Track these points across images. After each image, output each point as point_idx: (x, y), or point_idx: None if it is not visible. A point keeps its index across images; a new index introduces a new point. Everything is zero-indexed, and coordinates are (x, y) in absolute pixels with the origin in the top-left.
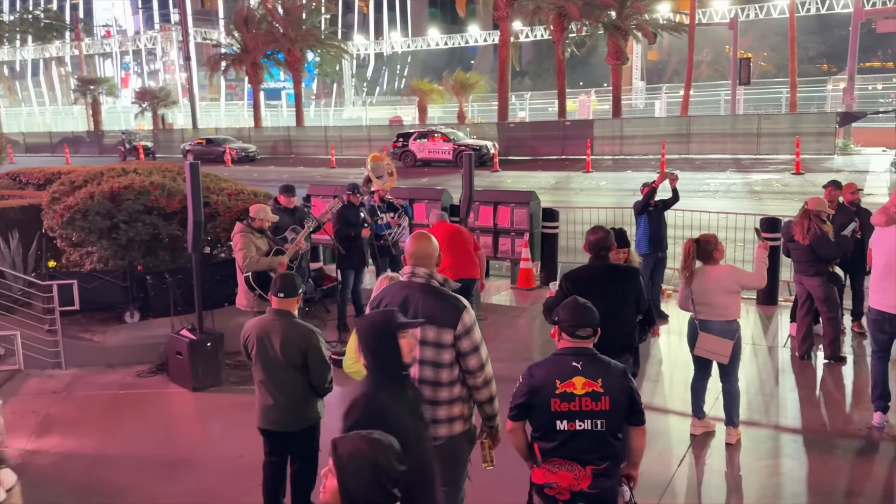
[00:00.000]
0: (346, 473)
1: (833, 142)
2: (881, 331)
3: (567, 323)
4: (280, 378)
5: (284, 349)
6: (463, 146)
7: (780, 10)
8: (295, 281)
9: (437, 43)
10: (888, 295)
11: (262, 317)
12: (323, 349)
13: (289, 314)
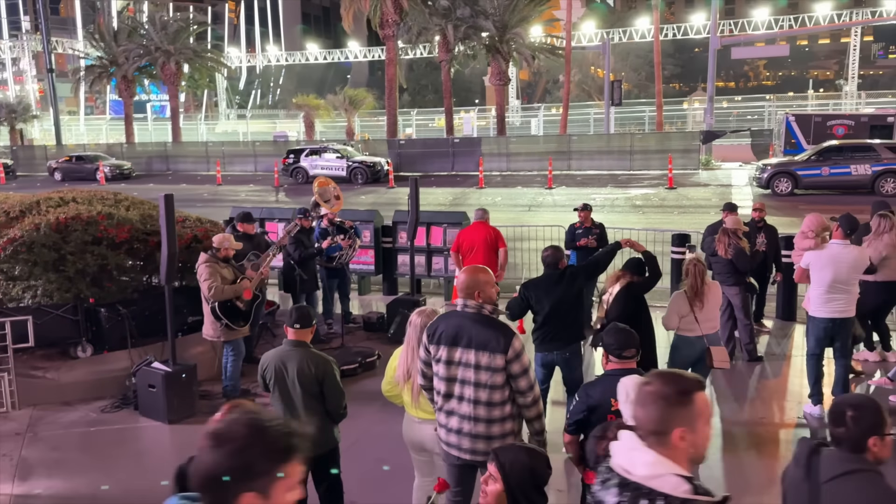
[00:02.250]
0: (511, 478)
1: (697, 158)
2: (825, 335)
3: (613, 346)
4: (298, 406)
5: (301, 378)
6: (357, 163)
7: (641, 34)
8: (309, 312)
9: (316, 57)
10: (834, 304)
11: (279, 348)
12: (337, 377)
13: (304, 344)
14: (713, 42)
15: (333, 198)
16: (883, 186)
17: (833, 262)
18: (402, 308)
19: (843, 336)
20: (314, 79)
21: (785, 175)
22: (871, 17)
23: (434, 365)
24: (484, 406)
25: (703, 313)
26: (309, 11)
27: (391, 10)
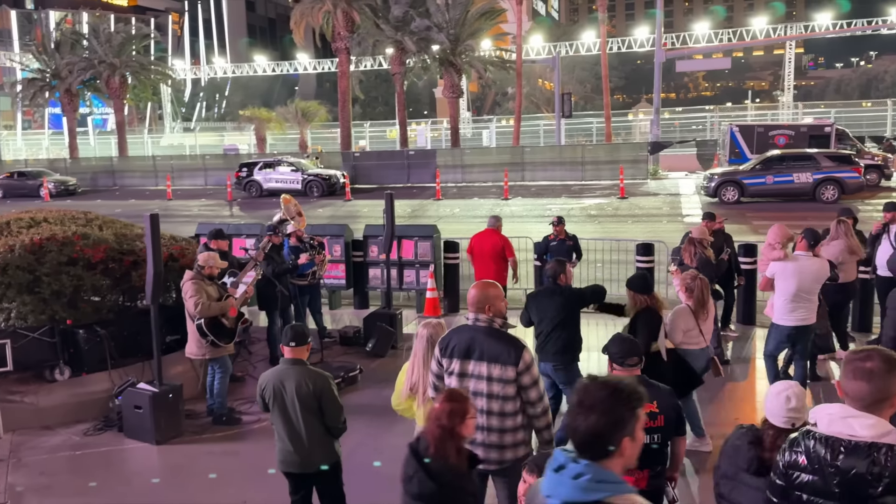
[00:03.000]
0: None
1: (646, 168)
2: (787, 341)
3: (617, 355)
4: (298, 422)
5: (300, 395)
6: (312, 176)
7: (587, 47)
8: (304, 331)
9: (265, 69)
10: (798, 312)
11: (277, 367)
12: (335, 391)
13: (301, 362)
14: (658, 56)
15: (297, 214)
16: (823, 193)
17: (798, 273)
18: (380, 322)
19: (803, 341)
20: (261, 91)
21: (731, 184)
22: (804, 31)
23: (447, 377)
24: (496, 416)
25: (705, 325)
26: (255, 23)
27: (343, 24)
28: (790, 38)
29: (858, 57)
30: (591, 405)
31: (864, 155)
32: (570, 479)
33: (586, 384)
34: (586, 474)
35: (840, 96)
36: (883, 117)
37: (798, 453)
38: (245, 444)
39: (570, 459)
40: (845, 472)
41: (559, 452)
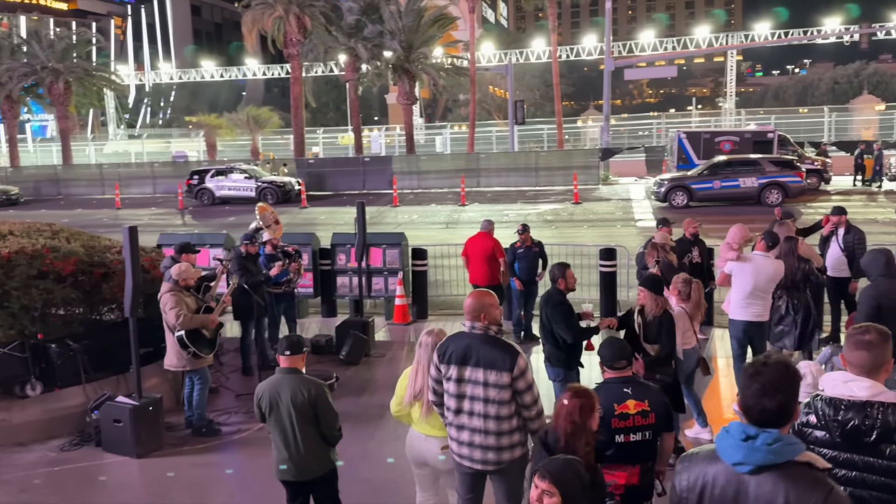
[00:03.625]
0: (565, 486)
1: (597, 174)
2: (745, 336)
3: (606, 359)
4: (294, 431)
5: (295, 403)
6: (266, 183)
7: (537, 55)
8: (299, 340)
9: (213, 75)
10: (752, 308)
11: (273, 377)
12: (330, 400)
13: (297, 371)
14: (608, 64)
15: (273, 223)
16: (768, 197)
17: (755, 272)
18: (352, 329)
19: (759, 338)
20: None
21: (681, 189)
22: (745, 40)
23: (445, 383)
24: (493, 420)
25: (697, 326)
26: (200, 28)
27: (295, 30)
28: (732, 47)
29: (794, 64)
30: (774, 387)
31: (805, 160)
32: (766, 445)
33: (760, 369)
34: (780, 440)
35: (778, 103)
36: (819, 123)
37: (809, 414)
38: (228, 455)
39: (758, 430)
40: (845, 424)
41: (739, 425)
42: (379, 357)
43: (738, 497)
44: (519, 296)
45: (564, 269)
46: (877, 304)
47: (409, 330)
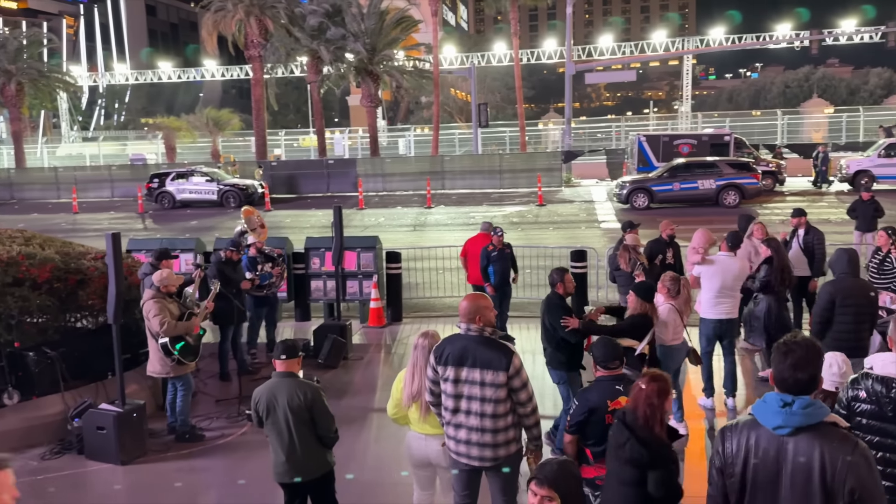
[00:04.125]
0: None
1: (560, 176)
2: (714, 334)
3: (600, 358)
4: (291, 433)
5: (292, 406)
6: (228, 186)
7: (498, 58)
8: (295, 344)
9: (170, 76)
10: (722, 307)
11: (269, 381)
12: (326, 402)
13: (293, 374)
14: (569, 69)
15: (259, 226)
16: (725, 199)
17: (721, 272)
18: (330, 333)
19: (729, 335)
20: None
21: (642, 191)
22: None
23: (442, 384)
24: (490, 418)
25: (686, 320)
26: (155, 28)
27: (256, 32)
28: (688, 52)
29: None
30: (805, 361)
31: (761, 162)
32: (802, 409)
33: (792, 347)
34: (812, 405)
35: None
36: (772, 126)
37: (858, 390)
38: (214, 460)
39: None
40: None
41: (776, 395)
42: (357, 360)
43: (780, 456)
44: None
45: (563, 273)
46: (831, 299)
47: (384, 333)
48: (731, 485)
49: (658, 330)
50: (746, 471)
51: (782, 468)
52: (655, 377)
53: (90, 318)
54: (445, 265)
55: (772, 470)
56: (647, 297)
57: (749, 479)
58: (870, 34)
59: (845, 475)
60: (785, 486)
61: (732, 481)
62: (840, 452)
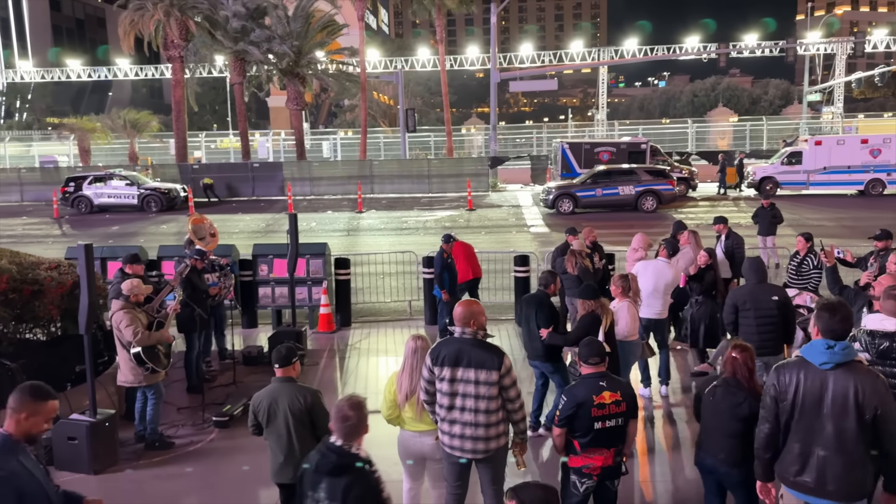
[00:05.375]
0: None
1: (487, 181)
2: (645, 331)
3: (583, 356)
4: (291, 435)
5: (293, 409)
6: (150, 190)
7: (422, 63)
8: (291, 350)
9: (79, 74)
10: (652, 308)
11: (269, 386)
12: (324, 405)
13: (291, 380)
14: (494, 77)
15: (209, 235)
16: (644, 204)
17: (656, 275)
18: (287, 339)
19: (659, 332)
20: (68, 97)
21: (567, 196)
22: (615, 55)
23: (438, 383)
24: (483, 414)
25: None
26: (60, 24)
27: (177, 33)
28: (605, 63)
29: (654, 77)
30: (847, 318)
31: (675, 169)
32: (842, 350)
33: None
34: (848, 347)
35: (644, 114)
36: (681, 134)
37: (855, 342)
38: (189, 465)
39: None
40: (878, 346)
41: (821, 340)
42: (312, 366)
43: (823, 386)
44: (446, 306)
45: (554, 276)
46: (733, 304)
47: (334, 338)
48: (782, 408)
49: (617, 327)
50: (796, 397)
51: (825, 394)
52: (743, 347)
53: (45, 328)
54: (387, 270)
55: (817, 396)
56: (591, 296)
57: (798, 404)
58: (769, 48)
59: (872, 397)
60: (827, 406)
61: (784, 405)
62: (868, 381)
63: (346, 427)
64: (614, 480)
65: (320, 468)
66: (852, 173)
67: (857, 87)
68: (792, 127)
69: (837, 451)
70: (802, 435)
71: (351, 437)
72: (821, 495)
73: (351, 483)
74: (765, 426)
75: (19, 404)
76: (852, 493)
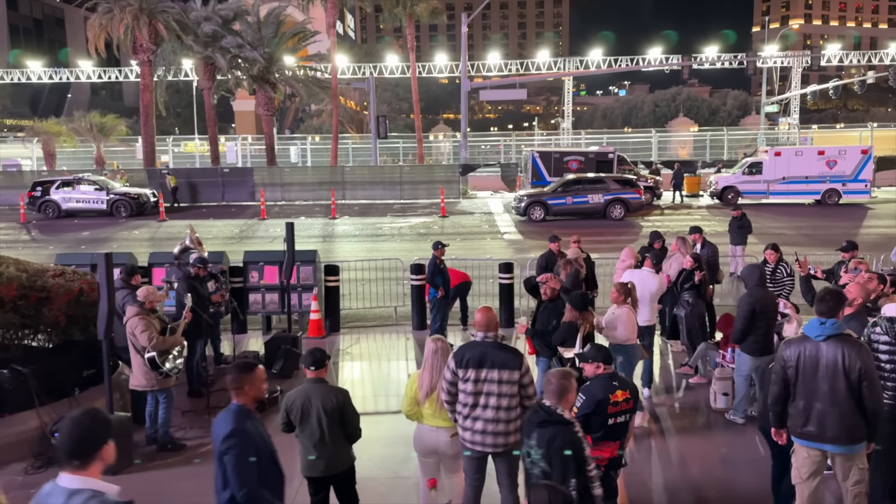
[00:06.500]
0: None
1: (458, 188)
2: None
3: (600, 359)
4: (324, 432)
5: (326, 408)
6: (119, 195)
7: (390, 70)
8: (323, 354)
9: (41, 76)
10: (642, 314)
11: (302, 386)
12: (353, 404)
13: (323, 381)
14: (464, 85)
15: (196, 244)
16: (612, 212)
17: (641, 284)
18: (283, 345)
19: (649, 337)
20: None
21: (538, 204)
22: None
23: (461, 384)
24: (504, 410)
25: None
26: (17, 23)
27: (147, 37)
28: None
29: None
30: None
31: (640, 178)
32: (832, 325)
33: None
34: (837, 323)
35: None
36: (644, 142)
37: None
38: (204, 466)
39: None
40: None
41: (817, 318)
42: None
43: (818, 355)
44: (439, 303)
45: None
46: (753, 308)
47: (324, 343)
48: (789, 372)
49: (616, 331)
50: (799, 364)
51: (819, 360)
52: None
53: (52, 335)
54: (370, 276)
55: (814, 362)
56: (578, 306)
57: (800, 369)
58: (729, 60)
59: (856, 361)
60: (822, 370)
61: (790, 371)
62: (853, 349)
63: (549, 390)
64: (617, 470)
65: (532, 421)
66: (810, 183)
67: (812, 99)
68: (750, 137)
69: (833, 405)
70: (805, 393)
71: (553, 397)
72: (822, 441)
73: (555, 435)
74: (775, 388)
75: (239, 380)
76: (847, 438)
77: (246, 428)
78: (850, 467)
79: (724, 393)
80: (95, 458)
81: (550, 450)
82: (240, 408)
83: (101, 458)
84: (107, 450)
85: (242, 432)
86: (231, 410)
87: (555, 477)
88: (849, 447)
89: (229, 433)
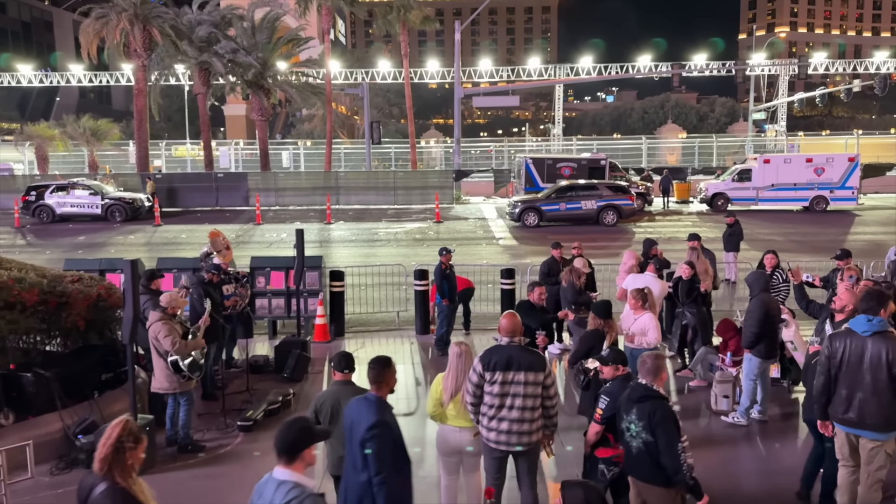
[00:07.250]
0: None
1: (452, 194)
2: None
3: (613, 361)
4: None
5: None
6: (113, 199)
7: (382, 76)
8: (352, 358)
9: (31, 80)
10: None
11: (331, 388)
12: None
13: (351, 383)
14: (458, 92)
15: (224, 248)
16: (605, 218)
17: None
18: (293, 349)
19: None
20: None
21: (532, 210)
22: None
23: (488, 386)
24: (529, 410)
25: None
26: (6, 26)
27: (141, 42)
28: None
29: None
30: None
31: (632, 184)
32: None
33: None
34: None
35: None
36: (634, 149)
37: None
38: (226, 466)
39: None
40: None
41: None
42: (317, 373)
43: (863, 349)
44: (446, 310)
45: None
46: (766, 312)
47: (330, 348)
48: (833, 364)
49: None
50: (844, 356)
51: (864, 354)
52: None
53: (71, 339)
54: (371, 281)
55: (859, 356)
56: (603, 314)
57: (845, 360)
58: (717, 68)
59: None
60: (866, 363)
61: (835, 362)
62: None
63: (645, 369)
64: None
65: (630, 397)
66: (798, 190)
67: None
68: (738, 144)
69: (873, 394)
70: (848, 383)
71: (649, 376)
72: (862, 427)
73: (655, 408)
74: (821, 378)
75: (381, 374)
76: (885, 425)
77: (387, 419)
78: (878, 453)
79: (725, 395)
80: (299, 457)
81: (652, 422)
82: (379, 399)
83: (304, 459)
84: (309, 452)
85: (385, 423)
86: (372, 402)
87: (661, 445)
88: (885, 434)
89: (374, 423)
